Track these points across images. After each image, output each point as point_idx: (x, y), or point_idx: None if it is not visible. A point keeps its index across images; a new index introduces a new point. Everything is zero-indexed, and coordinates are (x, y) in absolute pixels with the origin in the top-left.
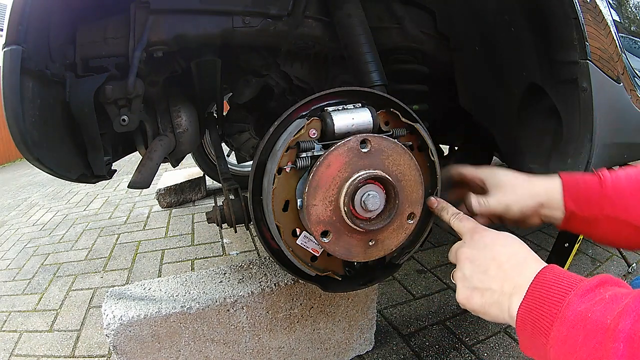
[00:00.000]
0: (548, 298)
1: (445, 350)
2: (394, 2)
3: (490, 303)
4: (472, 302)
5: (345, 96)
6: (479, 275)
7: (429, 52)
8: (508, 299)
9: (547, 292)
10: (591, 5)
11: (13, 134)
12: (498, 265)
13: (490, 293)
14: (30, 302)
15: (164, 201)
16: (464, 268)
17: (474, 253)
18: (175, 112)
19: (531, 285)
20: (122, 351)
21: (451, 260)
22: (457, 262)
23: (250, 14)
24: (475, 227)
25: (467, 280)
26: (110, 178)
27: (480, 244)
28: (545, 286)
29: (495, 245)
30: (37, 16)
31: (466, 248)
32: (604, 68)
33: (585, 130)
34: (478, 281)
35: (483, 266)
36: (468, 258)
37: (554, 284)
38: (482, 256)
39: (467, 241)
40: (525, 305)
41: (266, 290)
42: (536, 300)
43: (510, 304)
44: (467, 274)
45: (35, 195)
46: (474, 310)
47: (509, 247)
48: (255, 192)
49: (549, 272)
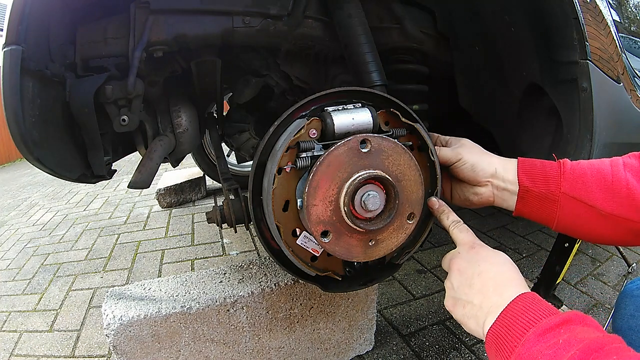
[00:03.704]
0: (511, 329)
1: (445, 350)
2: (394, 2)
3: (469, 316)
4: (455, 311)
5: (345, 96)
6: (464, 288)
7: (429, 52)
8: (484, 316)
9: (513, 323)
10: (591, 5)
11: (13, 134)
12: (483, 282)
13: (471, 307)
14: (30, 302)
15: (164, 201)
16: (452, 278)
17: (465, 266)
18: (175, 112)
19: (502, 312)
20: (122, 351)
21: (444, 268)
22: (449, 270)
23: (250, 14)
24: (473, 241)
25: (453, 290)
26: (110, 178)
27: (472, 258)
28: (513, 316)
29: (485, 262)
30: (37, 16)
31: (459, 259)
32: (604, 68)
33: (585, 130)
34: (462, 293)
35: (469, 280)
36: (459, 269)
37: (520, 315)
38: (471, 270)
39: (461, 252)
40: (493, 330)
41: (266, 290)
42: (502, 328)
43: (485, 321)
44: (454, 285)
45: (35, 195)
46: (456, 318)
47: (497, 266)
48: (255, 192)
49: (522, 301)
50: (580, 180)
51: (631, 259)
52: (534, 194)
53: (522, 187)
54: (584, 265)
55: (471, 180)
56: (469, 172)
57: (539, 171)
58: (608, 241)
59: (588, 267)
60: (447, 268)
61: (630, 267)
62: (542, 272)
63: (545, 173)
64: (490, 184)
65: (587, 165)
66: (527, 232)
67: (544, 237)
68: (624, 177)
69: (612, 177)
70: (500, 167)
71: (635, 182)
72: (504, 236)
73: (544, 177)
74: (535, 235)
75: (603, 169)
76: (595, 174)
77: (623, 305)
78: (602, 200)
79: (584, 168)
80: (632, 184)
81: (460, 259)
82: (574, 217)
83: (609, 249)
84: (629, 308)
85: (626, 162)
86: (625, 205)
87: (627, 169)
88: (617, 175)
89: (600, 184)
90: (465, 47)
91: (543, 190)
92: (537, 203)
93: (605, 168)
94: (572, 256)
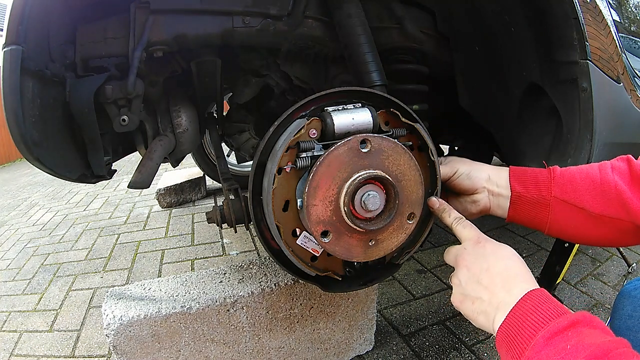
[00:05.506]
0: (520, 330)
1: (445, 350)
2: (394, 2)
3: (479, 312)
4: (463, 307)
5: (345, 96)
6: (472, 285)
7: (429, 52)
8: (494, 312)
9: (522, 323)
10: (591, 5)
11: (13, 134)
12: (490, 277)
13: (480, 302)
14: (30, 302)
15: (164, 201)
16: (460, 274)
17: (472, 261)
18: (175, 112)
19: (511, 311)
20: (122, 351)
21: (447, 262)
22: (456, 266)
23: (250, 14)
24: (478, 236)
25: (461, 287)
26: (110, 178)
27: (479, 253)
28: (522, 316)
29: (492, 256)
30: (37, 16)
31: (466, 255)
32: (604, 68)
33: (585, 130)
34: (471, 289)
35: (477, 275)
36: (466, 265)
37: (529, 315)
38: (479, 266)
39: (467, 248)
40: (503, 329)
41: (266, 290)
42: (512, 328)
43: (495, 317)
44: (462, 281)
45: (35, 195)
46: (465, 314)
47: (505, 260)
48: (255, 192)
49: (531, 299)
50: (569, 184)
51: (631, 259)
52: (526, 199)
53: (515, 192)
54: (584, 265)
55: (469, 189)
56: (466, 181)
57: (530, 177)
58: (598, 242)
59: (588, 267)
60: (453, 264)
61: (630, 267)
62: (542, 272)
63: (536, 179)
64: (486, 190)
65: (576, 170)
66: (527, 232)
67: (544, 237)
68: (612, 179)
69: (601, 180)
70: (493, 174)
71: (623, 184)
72: (504, 236)
73: (535, 183)
74: (535, 235)
75: (591, 172)
76: (584, 177)
77: (621, 306)
78: (592, 202)
79: (573, 173)
80: (620, 185)
81: (466, 255)
82: (565, 220)
83: (609, 249)
84: (627, 308)
85: (614, 165)
86: (614, 205)
87: (615, 171)
88: (606, 178)
89: (589, 186)
90: (465, 47)
91: (535, 195)
92: (529, 208)
93: (593, 172)
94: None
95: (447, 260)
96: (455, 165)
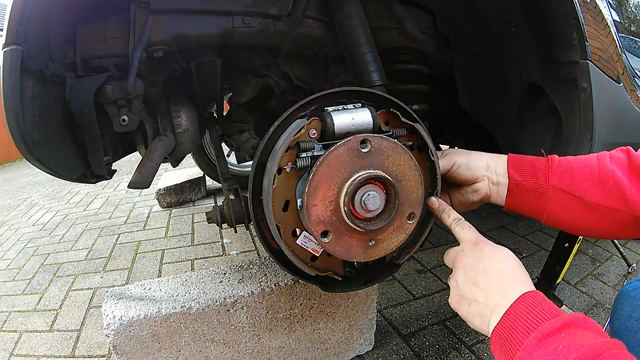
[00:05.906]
0: (513, 332)
1: (445, 350)
2: (394, 2)
3: (475, 314)
4: (460, 309)
5: (345, 96)
6: (469, 286)
7: (429, 52)
8: (490, 314)
9: (515, 325)
10: (591, 5)
11: (13, 134)
12: (487, 279)
13: (476, 304)
14: (30, 302)
15: (164, 201)
16: (457, 276)
17: (470, 263)
18: (175, 112)
19: (506, 313)
20: (122, 351)
21: (446, 264)
22: (454, 268)
23: (250, 14)
24: (476, 238)
25: (458, 288)
26: (110, 178)
27: (477, 255)
28: (515, 318)
29: (489, 259)
30: (37, 16)
31: (463, 257)
32: (604, 68)
33: (585, 130)
34: (468, 291)
35: (474, 278)
36: (464, 267)
37: (523, 317)
38: (476, 268)
39: (465, 250)
40: (497, 331)
41: (266, 290)
42: (505, 330)
43: (490, 319)
44: (459, 282)
45: (35, 195)
46: (462, 316)
47: (502, 263)
48: (255, 192)
49: (525, 301)
50: (567, 173)
51: (631, 259)
52: (524, 187)
53: (512, 180)
54: (584, 265)
55: (469, 179)
56: (466, 171)
57: (527, 165)
58: (596, 233)
59: (588, 267)
60: (451, 265)
61: (630, 267)
62: (542, 272)
63: (534, 167)
64: (486, 178)
65: (574, 160)
66: (527, 232)
67: (544, 237)
68: (611, 169)
69: (599, 170)
70: (491, 161)
71: (622, 174)
72: (504, 236)
73: (533, 171)
74: (535, 235)
75: (590, 162)
76: (582, 167)
77: (620, 307)
78: (589, 192)
79: (571, 162)
80: (619, 175)
81: (464, 257)
82: (562, 209)
83: (609, 249)
84: (626, 309)
85: (613, 156)
86: (612, 195)
87: (614, 161)
88: (604, 168)
89: (587, 176)
90: (465, 47)
91: (532, 184)
92: (526, 196)
93: (592, 161)
94: (572, 256)
95: (446, 262)
96: (453, 157)
